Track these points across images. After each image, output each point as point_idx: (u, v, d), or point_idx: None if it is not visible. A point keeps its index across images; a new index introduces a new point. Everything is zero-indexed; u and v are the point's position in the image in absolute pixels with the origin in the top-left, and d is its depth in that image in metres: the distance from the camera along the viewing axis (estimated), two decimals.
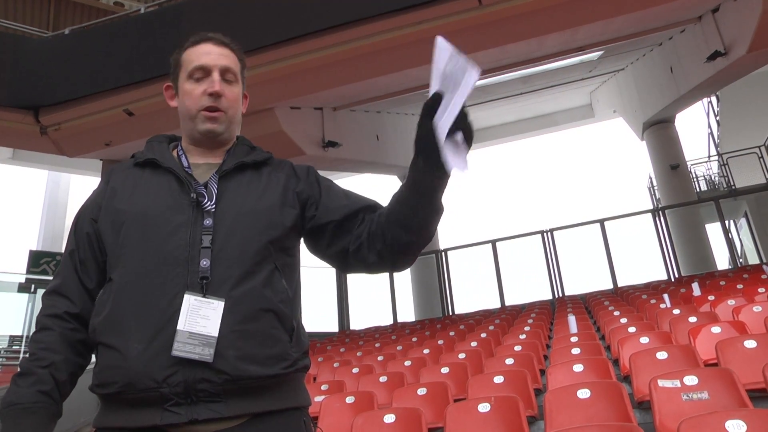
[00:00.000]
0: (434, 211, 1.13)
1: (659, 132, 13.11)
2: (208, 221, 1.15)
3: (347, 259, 1.22)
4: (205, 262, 1.11)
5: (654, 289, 8.56)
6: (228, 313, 1.08)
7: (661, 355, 3.64)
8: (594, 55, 11.47)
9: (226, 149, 1.30)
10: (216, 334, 1.06)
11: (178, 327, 1.06)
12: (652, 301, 6.78)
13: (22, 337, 9.47)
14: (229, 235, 1.15)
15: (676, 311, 5.49)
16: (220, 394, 1.06)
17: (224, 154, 1.29)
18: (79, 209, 1.29)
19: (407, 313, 12.58)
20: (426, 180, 1.09)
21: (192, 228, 1.14)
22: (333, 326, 12.18)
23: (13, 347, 9.56)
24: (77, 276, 1.20)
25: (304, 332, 1.22)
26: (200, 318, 1.07)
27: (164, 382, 1.04)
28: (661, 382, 2.96)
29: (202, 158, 1.28)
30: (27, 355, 1.12)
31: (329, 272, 12.64)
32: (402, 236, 1.15)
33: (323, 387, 4.74)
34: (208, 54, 1.26)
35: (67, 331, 1.15)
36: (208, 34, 1.30)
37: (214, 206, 1.18)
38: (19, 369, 1.11)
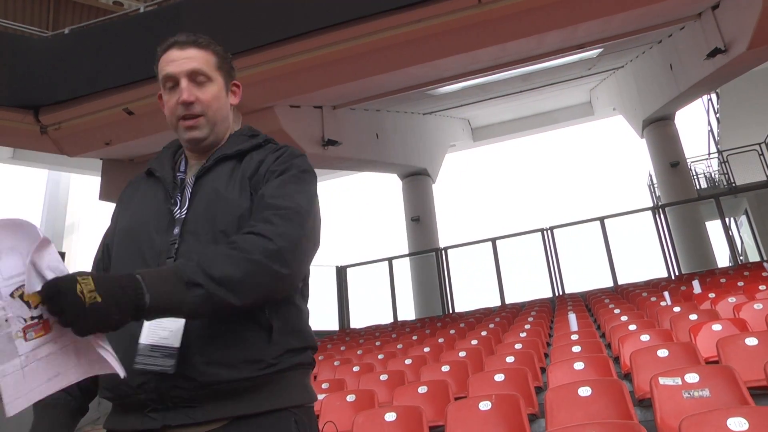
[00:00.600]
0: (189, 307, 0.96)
1: (659, 129, 13.10)
2: (176, 229, 1.16)
3: None
4: None
5: (654, 286, 8.55)
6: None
7: (662, 352, 3.64)
8: (593, 52, 11.45)
9: (218, 147, 1.30)
10: (177, 344, 1.04)
11: (140, 340, 1.05)
12: (653, 299, 6.78)
13: None
14: (195, 239, 1.14)
15: (677, 309, 5.49)
16: (194, 400, 1.05)
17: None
18: None
19: (407, 312, 12.57)
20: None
21: (164, 236, 1.16)
22: (333, 325, 12.18)
23: None
24: None
25: (300, 328, 1.16)
26: (161, 330, 1.05)
27: (139, 388, 1.05)
28: (662, 380, 2.95)
29: (196, 159, 1.30)
30: None
31: (329, 270, 12.65)
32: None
33: (324, 385, 4.75)
34: (174, 61, 1.24)
35: None
36: (173, 38, 1.28)
37: (185, 212, 1.18)
38: None
